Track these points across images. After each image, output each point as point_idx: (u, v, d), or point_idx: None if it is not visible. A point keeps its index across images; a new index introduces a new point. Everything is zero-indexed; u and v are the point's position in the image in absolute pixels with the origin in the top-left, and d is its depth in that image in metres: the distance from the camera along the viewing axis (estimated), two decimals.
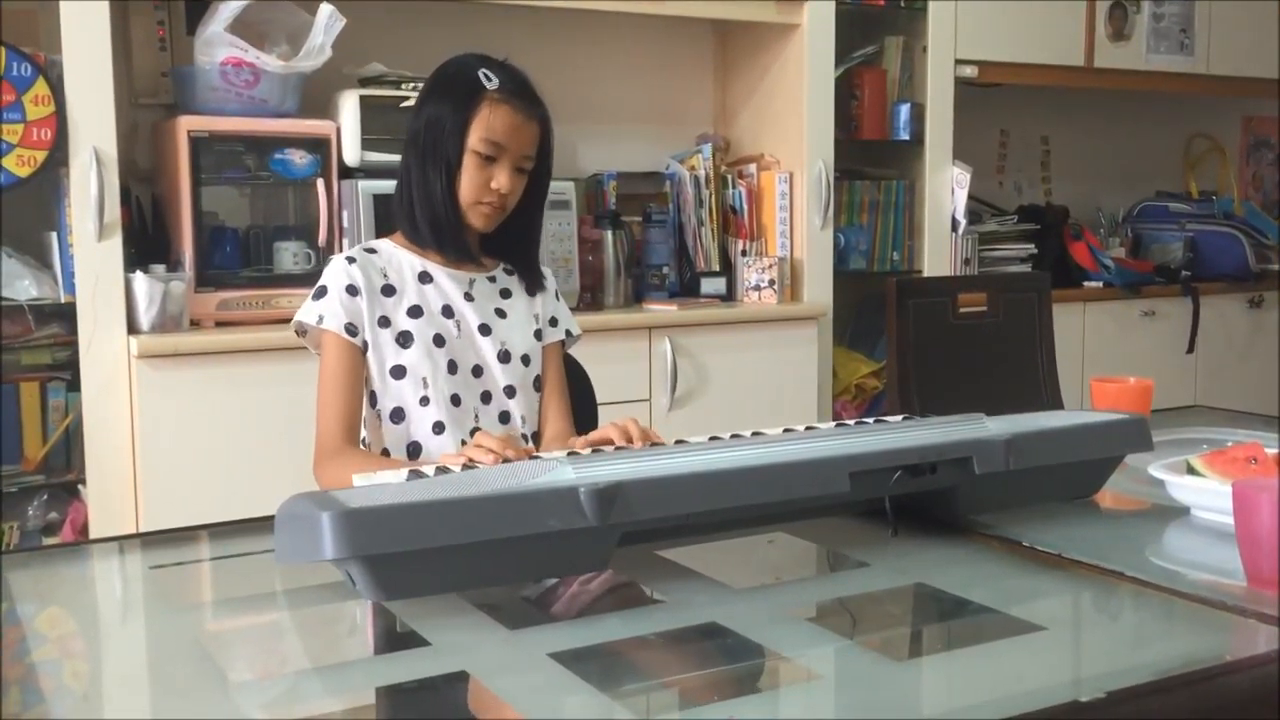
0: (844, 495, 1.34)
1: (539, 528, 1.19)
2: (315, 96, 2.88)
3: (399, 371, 1.77)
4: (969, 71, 3.71)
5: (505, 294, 1.89)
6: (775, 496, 1.32)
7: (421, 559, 1.16)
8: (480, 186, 1.78)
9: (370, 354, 1.77)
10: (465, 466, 1.37)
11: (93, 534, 2.56)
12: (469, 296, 1.85)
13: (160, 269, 2.66)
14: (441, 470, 1.40)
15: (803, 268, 3.45)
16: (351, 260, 1.80)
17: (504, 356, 1.85)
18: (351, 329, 1.75)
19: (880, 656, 1.10)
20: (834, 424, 1.67)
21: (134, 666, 1.15)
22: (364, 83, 2.93)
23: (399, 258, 1.83)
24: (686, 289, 3.42)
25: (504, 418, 1.84)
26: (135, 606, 1.35)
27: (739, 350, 3.25)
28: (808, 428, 1.64)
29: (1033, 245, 3.95)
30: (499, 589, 1.27)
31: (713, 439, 1.57)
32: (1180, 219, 4.40)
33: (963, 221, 3.71)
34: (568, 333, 1.96)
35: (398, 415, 1.78)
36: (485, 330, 1.84)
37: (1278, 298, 4.38)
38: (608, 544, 1.24)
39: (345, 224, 2.85)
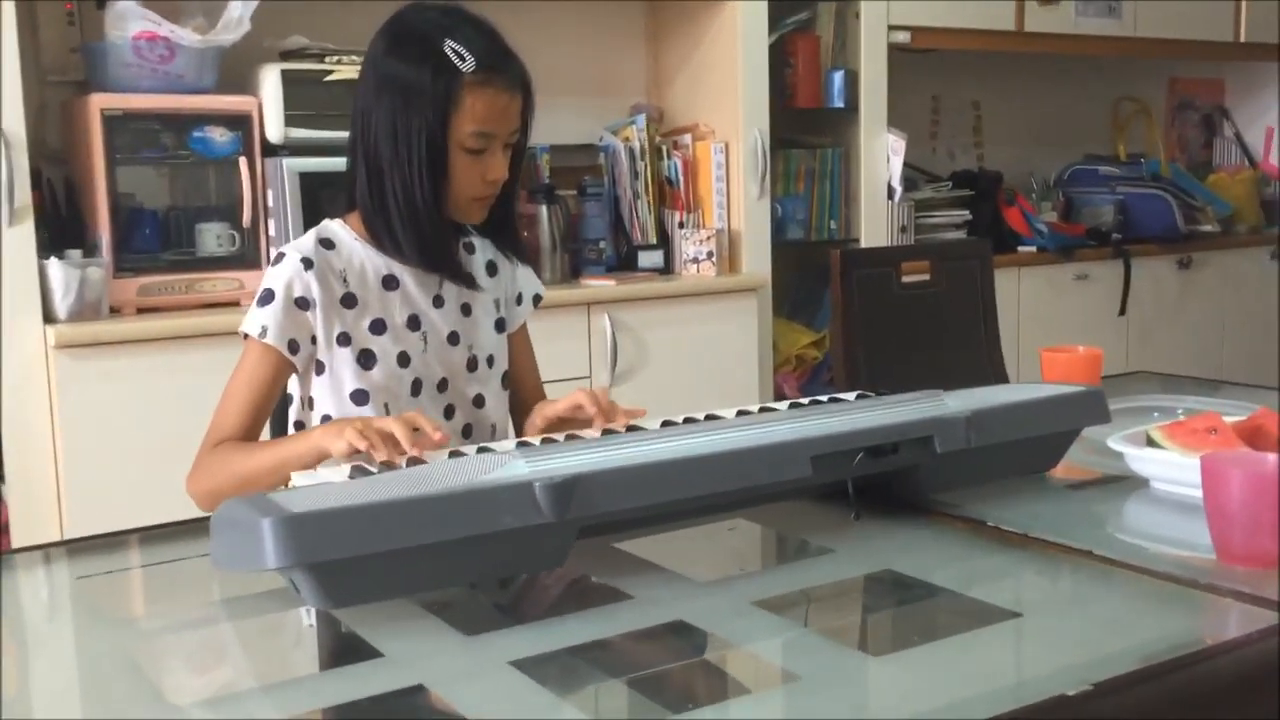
0: (806, 479, 1.30)
1: (493, 526, 1.13)
2: (235, 71, 2.77)
3: (361, 396, 1.59)
4: (902, 37, 3.68)
5: (470, 281, 1.68)
6: (737, 484, 1.27)
7: (370, 563, 1.10)
8: (474, 181, 1.56)
9: (326, 376, 1.59)
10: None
11: (15, 535, 2.45)
12: (438, 300, 1.65)
13: (76, 254, 2.55)
14: (386, 465, 1.33)
15: (741, 239, 3.40)
16: (308, 264, 1.56)
17: (472, 364, 1.69)
18: (293, 345, 1.56)
19: (858, 653, 1.06)
20: (788, 404, 1.63)
21: (63, 687, 1.08)
22: (285, 56, 2.82)
23: (360, 256, 1.60)
24: (624, 263, 3.36)
25: (467, 431, 1.69)
26: (62, 621, 1.26)
27: (679, 324, 3.20)
28: (762, 408, 1.60)
29: (968, 211, 3.94)
30: (452, 590, 1.21)
31: (665, 424, 1.52)
32: (1110, 181, 4.42)
33: (899, 189, 3.69)
34: (535, 298, 1.80)
35: None
36: (454, 339, 1.66)
37: (1206, 258, 4.42)
38: (565, 539, 1.19)
39: (271, 203, 2.75)
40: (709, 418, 1.55)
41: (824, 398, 1.67)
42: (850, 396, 1.68)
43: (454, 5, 1.60)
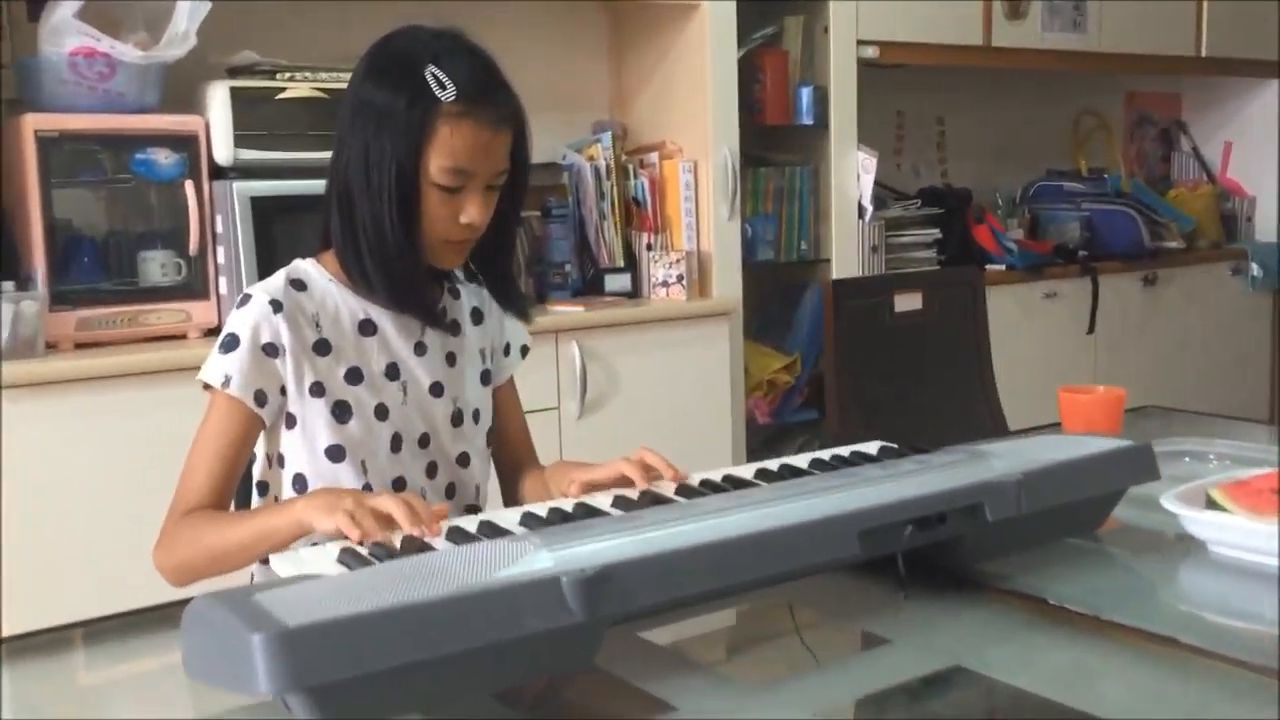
0: (853, 557, 1.17)
1: (518, 631, 0.99)
2: (180, 89, 2.59)
3: (336, 453, 1.45)
4: (870, 52, 3.58)
5: (455, 328, 1.55)
6: (781, 567, 1.14)
7: (376, 678, 0.95)
8: (446, 223, 1.41)
9: (298, 430, 1.45)
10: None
11: None
12: (420, 348, 1.51)
13: (9, 286, 2.36)
14: (379, 548, 1.18)
15: (711, 261, 3.27)
16: (277, 307, 1.42)
17: (457, 418, 1.54)
18: (260, 397, 1.41)
19: None
20: (808, 460, 1.50)
21: None
22: (234, 73, 2.64)
23: (334, 299, 1.47)
24: (590, 286, 3.22)
25: (450, 491, 1.54)
26: None
27: (649, 351, 3.06)
28: (783, 467, 1.47)
29: (938, 230, 3.84)
30: (464, 702, 1.06)
31: (682, 489, 1.38)
32: (1076, 198, 4.36)
33: (869, 208, 3.58)
34: (523, 349, 1.67)
35: None
36: (437, 390, 1.52)
37: (1171, 275, 4.38)
38: (595, 638, 1.05)
39: (220, 229, 2.57)
40: (726, 479, 1.43)
41: (845, 451, 1.55)
42: (872, 449, 1.55)
43: (450, 31, 1.45)
